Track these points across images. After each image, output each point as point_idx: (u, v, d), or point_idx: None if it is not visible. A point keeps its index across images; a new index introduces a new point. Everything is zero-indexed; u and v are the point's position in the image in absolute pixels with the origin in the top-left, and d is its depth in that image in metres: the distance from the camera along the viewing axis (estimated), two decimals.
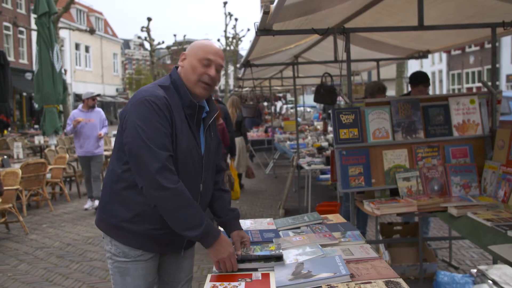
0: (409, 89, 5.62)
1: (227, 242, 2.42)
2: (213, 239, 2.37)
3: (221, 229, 2.75)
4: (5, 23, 28.41)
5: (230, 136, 7.10)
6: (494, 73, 4.49)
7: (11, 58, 26.94)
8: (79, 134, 8.77)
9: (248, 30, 46.20)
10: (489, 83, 4.44)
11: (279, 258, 2.36)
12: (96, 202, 8.90)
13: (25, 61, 30.90)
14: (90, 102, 8.87)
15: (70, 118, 8.76)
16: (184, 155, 2.42)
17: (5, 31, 28.81)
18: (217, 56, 2.52)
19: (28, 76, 28.16)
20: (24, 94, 28.88)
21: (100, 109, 9.14)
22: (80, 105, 8.95)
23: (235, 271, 2.36)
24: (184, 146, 2.42)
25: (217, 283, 2.20)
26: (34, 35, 21.56)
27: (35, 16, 11.29)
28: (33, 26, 13.35)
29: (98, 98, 9.59)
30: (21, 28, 28.32)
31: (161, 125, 2.35)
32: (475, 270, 3.83)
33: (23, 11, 30.89)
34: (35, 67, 11.45)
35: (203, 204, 2.60)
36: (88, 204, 9.23)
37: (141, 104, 2.38)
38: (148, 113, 2.35)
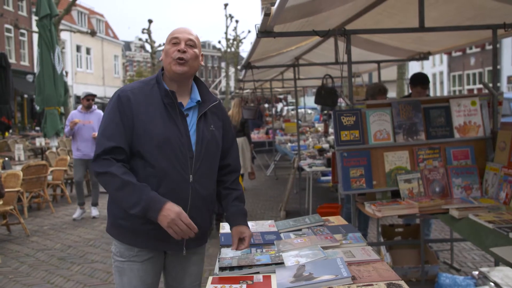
0: (410, 90, 5.64)
1: (173, 206, 2.37)
2: (156, 212, 2.35)
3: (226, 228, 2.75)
4: (7, 25, 28.44)
5: None
6: (495, 74, 4.49)
7: (12, 60, 26.96)
8: (76, 136, 8.34)
9: (249, 31, 46.27)
10: (490, 85, 4.44)
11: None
12: (94, 210, 8.66)
13: (26, 63, 30.92)
14: (84, 102, 8.41)
15: (68, 119, 8.41)
16: (159, 144, 2.45)
17: (6, 33, 28.84)
18: (184, 33, 2.57)
19: (29, 78, 28.20)
20: (25, 96, 28.90)
21: (100, 111, 8.55)
22: (80, 106, 8.58)
23: (193, 231, 2.38)
24: (155, 135, 2.45)
25: (218, 285, 2.20)
26: (35, 37, 21.56)
27: (37, 18, 11.30)
28: (35, 28, 13.34)
29: (99, 100, 9.55)
30: (22, 30, 28.35)
31: (116, 117, 2.47)
32: (477, 272, 3.82)
33: (24, 13, 30.94)
34: (36, 69, 11.46)
35: (197, 197, 2.54)
36: (78, 213, 8.65)
37: (110, 99, 2.59)
38: (110, 106, 2.54)
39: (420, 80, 5.37)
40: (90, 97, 8.46)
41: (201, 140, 2.56)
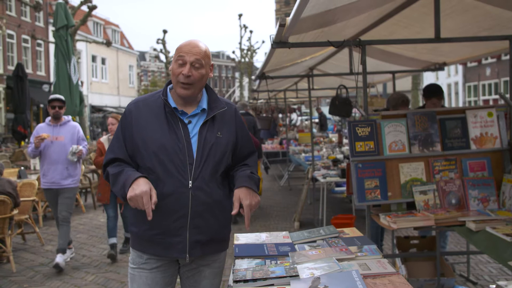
0: (424, 102, 5.56)
1: (141, 184, 2.43)
2: (128, 187, 2.44)
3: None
4: (24, 36, 28.87)
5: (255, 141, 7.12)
6: None
7: (29, 70, 27.36)
8: (43, 157, 6.26)
9: (263, 42, 46.52)
10: (507, 96, 4.39)
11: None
12: (59, 257, 6.15)
13: (42, 73, 31.33)
14: (50, 110, 6.22)
15: (33, 135, 6.24)
16: (155, 150, 2.55)
17: (23, 44, 29.28)
18: (190, 53, 2.54)
19: (45, 87, 28.53)
20: (41, 105, 29.24)
21: (76, 124, 6.45)
22: (48, 118, 6.40)
23: (152, 206, 2.40)
24: (151, 142, 2.55)
25: None
26: (51, 47, 21.85)
27: (53, 29, 11.45)
28: (51, 38, 13.55)
29: (113, 110, 9.37)
30: (39, 41, 28.77)
31: (119, 130, 2.67)
32: (494, 286, 3.77)
33: (41, 24, 31.40)
34: (52, 79, 11.56)
35: (199, 203, 2.55)
36: (60, 258, 6.16)
37: None
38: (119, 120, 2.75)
39: (435, 93, 5.28)
40: (56, 103, 6.20)
41: (203, 145, 2.58)
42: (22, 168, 9.37)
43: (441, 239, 5.79)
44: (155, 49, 39.20)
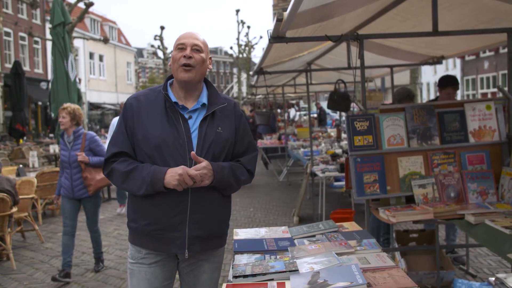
0: (424, 95, 5.58)
1: (174, 170, 2.47)
2: (161, 180, 2.47)
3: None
4: (21, 33, 28.78)
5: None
6: (511, 78, 4.43)
7: (26, 68, 27.27)
8: None
9: (261, 37, 46.31)
10: (506, 89, 4.38)
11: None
12: None
13: (40, 70, 31.23)
14: None
15: None
16: (156, 145, 2.55)
17: (20, 41, 29.18)
18: (190, 38, 2.62)
19: (43, 85, 28.48)
20: (39, 103, 29.19)
21: None
22: None
23: (194, 179, 2.46)
24: (153, 137, 2.55)
25: None
26: (49, 45, 21.78)
27: (50, 26, 11.40)
28: (48, 36, 13.45)
29: (112, 107, 9.21)
30: (36, 38, 28.66)
31: (121, 124, 2.65)
32: (493, 278, 3.76)
33: (38, 22, 31.28)
34: (50, 77, 11.53)
35: (199, 198, 2.56)
36: None
37: None
38: (120, 114, 2.73)
39: (451, 81, 5.36)
40: None
41: (203, 141, 2.59)
42: (21, 166, 9.36)
43: (451, 232, 5.81)
44: (152, 46, 38.97)
